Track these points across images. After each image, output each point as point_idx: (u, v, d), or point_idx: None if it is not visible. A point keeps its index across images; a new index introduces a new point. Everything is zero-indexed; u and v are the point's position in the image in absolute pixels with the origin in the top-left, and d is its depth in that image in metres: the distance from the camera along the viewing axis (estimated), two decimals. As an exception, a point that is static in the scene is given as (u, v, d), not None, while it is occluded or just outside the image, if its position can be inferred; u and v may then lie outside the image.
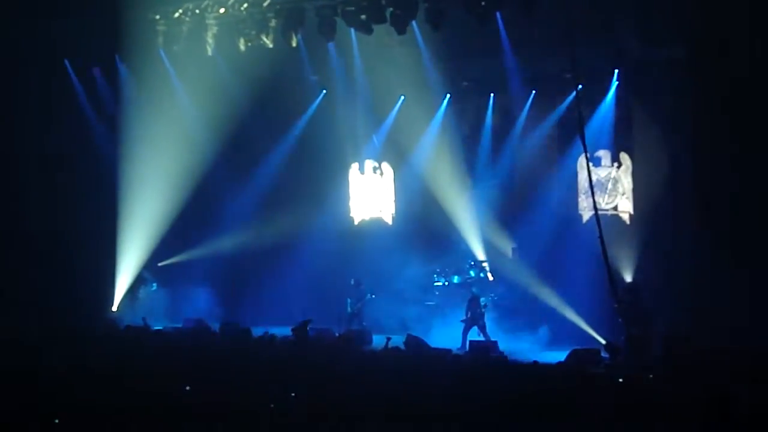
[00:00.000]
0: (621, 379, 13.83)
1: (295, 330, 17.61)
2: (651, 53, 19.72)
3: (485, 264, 22.23)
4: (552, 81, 20.91)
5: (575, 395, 11.80)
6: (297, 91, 23.62)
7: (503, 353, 17.52)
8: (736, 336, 16.58)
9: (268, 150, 24.01)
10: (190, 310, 22.12)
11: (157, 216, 22.72)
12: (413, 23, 20.14)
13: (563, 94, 20.73)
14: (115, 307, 22.70)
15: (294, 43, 20.83)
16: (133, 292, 23.11)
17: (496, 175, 22.42)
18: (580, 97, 16.99)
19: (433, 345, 18.02)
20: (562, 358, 16.25)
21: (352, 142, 23.90)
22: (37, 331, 17.19)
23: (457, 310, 20.39)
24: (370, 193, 24.26)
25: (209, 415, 11.18)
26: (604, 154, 21.21)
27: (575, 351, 16.93)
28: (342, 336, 19.25)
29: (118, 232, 22.76)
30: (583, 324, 19.10)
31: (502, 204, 22.21)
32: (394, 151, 23.52)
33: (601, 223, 15.96)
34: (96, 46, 21.90)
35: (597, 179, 20.78)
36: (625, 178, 21.12)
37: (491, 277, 22.10)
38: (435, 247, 22.47)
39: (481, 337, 19.75)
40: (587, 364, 15.78)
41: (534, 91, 21.66)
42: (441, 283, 22.36)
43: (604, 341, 17.82)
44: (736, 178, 17.93)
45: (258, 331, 17.70)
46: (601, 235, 15.65)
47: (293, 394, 12.05)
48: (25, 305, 20.67)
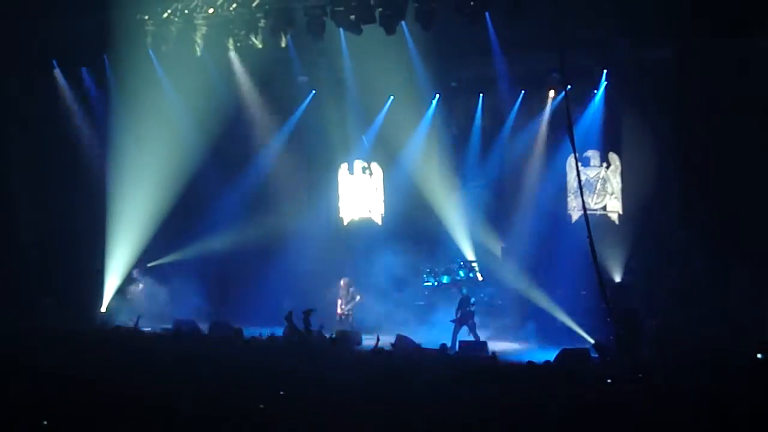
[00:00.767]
0: (609, 379, 13.88)
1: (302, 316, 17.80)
2: (640, 53, 19.76)
3: (475, 264, 22.27)
4: (541, 81, 20.96)
5: (564, 395, 11.83)
6: (286, 91, 23.58)
7: (493, 353, 17.56)
8: (724, 335, 16.67)
9: (258, 150, 23.98)
10: (179, 310, 22.06)
11: (146, 216, 22.65)
12: (402, 23, 20.14)
13: (552, 95, 20.79)
14: (104, 308, 22.65)
15: (283, 44, 20.81)
16: (123, 293, 23.05)
17: (486, 175, 22.44)
18: (568, 98, 17.01)
19: (423, 345, 18.05)
20: (552, 358, 16.26)
21: (342, 142, 23.88)
22: (24, 332, 17.14)
23: (447, 310, 20.40)
24: (359, 194, 24.24)
25: (197, 416, 11.15)
26: (593, 154, 21.28)
27: (564, 351, 16.95)
28: (332, 336, 19.22)
29: (107, 233, 22.71)
30: (572, 324, 19.13)
31: (492, 204, 22.27)
32: (384, 152, 23.50)
33: (590, 223, 15.97)
34: (84, 46, 21.85)
35: (586, 179, 20.88)
36: (614, 178, 21.19)
37: (481, 277, 22.13)
38: (424, 248, 22.50)
39: (471, 337, 19.76)
40: (576, 364, 15.82)
41: (523, 92, 21.70)
42: (430, 283, 22.36)
43: (593, 341, 17.84)
44: (723, 178, 18.02)
45: (248, 331, 17.68)
46: (590, 235, 15.68)
47: (281, 392, 12.05)
48: (13, 306, 20.62)
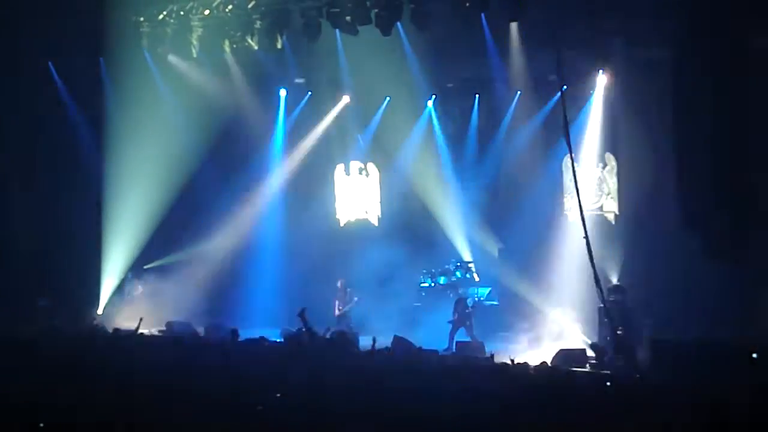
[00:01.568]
0: (607, 381, 13.85)
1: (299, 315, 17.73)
2: (636, 54, 19.78)
3: (471, 265, 22.26)
4: (537, 82, 20.96)
5: (561, 395, 11.81)
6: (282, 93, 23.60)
7: (490, 354, 17.53)
8: (720, 335, 16.65)
9: (254, 151, 23.96)
10: (175, 312, 22.02)
11: (142, 218, 22.64)
12: (398, 24, 20.13)
13: (548, 96, 20.78)
14: (100, 310, 22.60)
15: (279, 45, 20.79)
16: (120, 295, 23.01)
17: (482, 175, 22.45)
18: (565, 98, 17.02)
19: (420, 346, 18.01)
20: (549, 359, 16.24)
21: (338, 143, 23.86)
22: (19, 333, 17.09)
23: (444, 311, 20.39)
24: (355, 195, 24.24)
25: (194, 418, 11.12)
26: (590, 155, 21.27)
27: (561, 351, 16.95)
28: (329, 338, 19.18)
29: (103, 235, 22.68)
30: (570, 324, 19.12)
31: (488, 205, 22.27)
32: (380, 152, 23.52)
33: (587, 224, 15.98)
34: (80, 47, 21.81)
35: (582, 180, 20.84)
36: (611, 179, 21.20)
37: (477, 278, 22.11)
38: (421, 248, 22.48)
39: (468, 338, 19.75)
40: (573, 364, 15.81)
41: (519, 92, 21.70)
42: (427, 284, 22.36)
43: (590, 341, 17.84)
44: (720, 178, 18.01)
45: (245, 332, 17.61)
46: (586, 236, 15.68)
47: (278, 395, 12.02)
48: (8, 307, 20.55)
